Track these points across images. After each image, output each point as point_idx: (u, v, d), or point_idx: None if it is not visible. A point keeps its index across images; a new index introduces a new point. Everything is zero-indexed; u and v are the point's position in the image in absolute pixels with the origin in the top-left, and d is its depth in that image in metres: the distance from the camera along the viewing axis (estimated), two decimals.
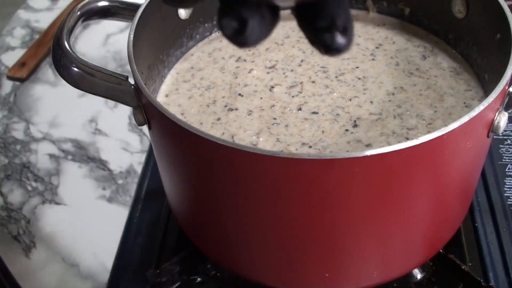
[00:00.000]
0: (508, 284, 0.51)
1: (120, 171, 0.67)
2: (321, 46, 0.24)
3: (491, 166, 0.61)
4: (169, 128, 0.39)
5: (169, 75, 0.54)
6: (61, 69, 0.42)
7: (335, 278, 0.44)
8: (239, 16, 0.23)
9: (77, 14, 0.45)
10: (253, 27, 0.23)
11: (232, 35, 0.23)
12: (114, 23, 0.86)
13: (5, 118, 0.76)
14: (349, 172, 0.35)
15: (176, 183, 0.47)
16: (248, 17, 0.23)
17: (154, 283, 0.52)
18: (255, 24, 0.23)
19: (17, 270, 0.57)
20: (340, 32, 0.23)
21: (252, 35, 0.23)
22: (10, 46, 0.88)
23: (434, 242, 0.47)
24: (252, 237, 0.43)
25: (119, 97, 0.43)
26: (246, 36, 0.23)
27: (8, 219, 0.63)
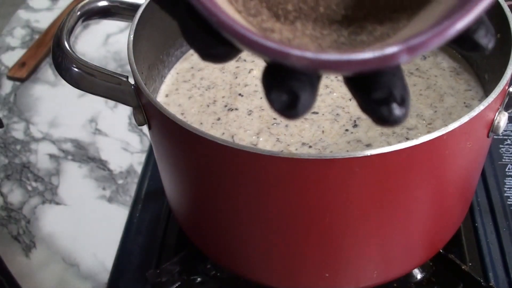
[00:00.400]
0: (508, 284, 0.51)
1: (120, 171, 0.67)
2: (376, 118, 0.22)
3: (491, 166, 0.61)
4: (169, 128, 0.39)
5: (169, 75, 0.54)
6: (61, 69, 0.42)
7: (335, 278, 0.44)
8: (290, 90, 0.21)
9: (77, 14, 0.45)
10: (304, 100, 0.21)
11: (283, 109, 0.21)
12: (114, 23, 0.85)
13: (5, 118, 0.76)
14: (349, 172, 0.35)
15: (176, 183, 0.47)
16: (299, 90, 0.21)
17: (154, 283, 0.52)
18: (306, 96, 0.21)
19: (17, 270, 0.57)
20: (398, 103, 0.21)
21: (303, 108, 0.21)
22: (10, 46, 0.88)
23: (434, 242, 0.47)
24: (252, 237, 0.43)
25: (119, 97, 0.43)
26: (298, 110, 0.21)
27: (8, 219, 0.63)
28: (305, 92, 0.21)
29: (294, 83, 0.21)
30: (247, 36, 0.20)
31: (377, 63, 0.20)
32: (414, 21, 0.23)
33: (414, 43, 0.20)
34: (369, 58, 0.19)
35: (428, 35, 0.20)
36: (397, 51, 0.20)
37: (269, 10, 0.24)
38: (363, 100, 0.22)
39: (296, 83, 0.21)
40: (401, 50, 0.20)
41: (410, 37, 0.20)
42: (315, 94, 0.22)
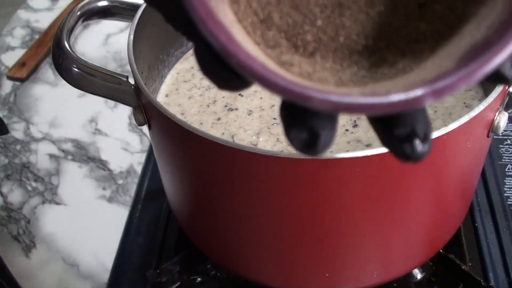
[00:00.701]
0: (508, 284, 0.51)
1: (120, 171, 0.67)
2: (398, 154, 0.21)
3: (491, 166, 0.61)
4: (169, 128, 0.39)
5: (169, 75, 0.54)
6: (61, 69, 0.42)
7: (335, 278, 0.44)
8: (310, 128, 0.20)
9: (77, 14, 0.45)
10: (325, 137, 0.21)
11: (303, 147, 0.21)
12: (114, 23, 0.86)
13: (5, 118, 0.76)
14: (349, 172, 0.35)
15: (176, 183, 0.47)
16: (319, 128, 0.20)
17: (154, 283, 0.52)
18: (326, 133, 0.21)
19: (17, 270, 0.57)
20: (421, 140, 0.21)
21: (324, 145, 0.21)
22: (10, 46, 0.88)
23: (434, 242, 0.47)
24: (252, 237, 0.43)
25: (119, 97, 0.43)
26: (318, 148, 0.21)
27: (8, 219, 0.63)
28: (325, 130, 0.21)
29: (314, 121, 0.20)
30: (268, 77, 0.19)
31: (401, 106, 0.19)
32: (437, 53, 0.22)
33: (440, 86, 0.19)
34: (393, 102, 0.19)
35: (454, 78, 0.19)
36: (422, 95, 0.19)
37: (288, 41, 0.23)
38: (385, 135, 0.22)
39: (317, 121, 0.20)
40: (426, 94, 0.19)
41: (436, 79, 0.19)
42: (335, 130, 0.21)
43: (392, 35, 0.24)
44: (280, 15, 0.24)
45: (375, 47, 0.24)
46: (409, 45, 0.23)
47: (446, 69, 0.20)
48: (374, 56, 0.24)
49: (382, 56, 0.24)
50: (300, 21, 0.24)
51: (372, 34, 0.24)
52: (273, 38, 0.23)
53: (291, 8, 0.24)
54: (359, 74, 0.23)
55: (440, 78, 0.19)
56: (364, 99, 0.19)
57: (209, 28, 0.19)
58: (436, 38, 0.23)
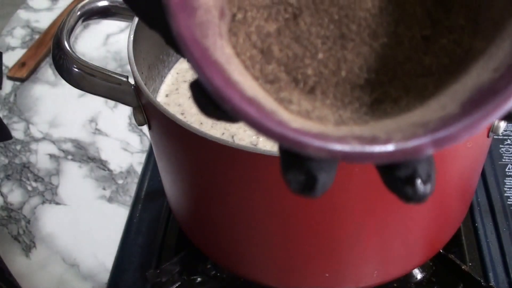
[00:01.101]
0: (508, 284, 0.51)
1: (120, 171, 0.67)
2: (400, 196, 0.21)
3: (491, 166, 0.61)
4: (169, 128, 0.39)
5: (169, 75, 0.54)
6: (61, 70, 0.42)
7: (335, 278, 0.44)
8: (308, 171, 0.20)
9: (77, 14, 0.45)
10: (323, 180, 0.20)
11: (300, 190, 0.20)
12: (114, 23, 0.86)
13: (5, 118, 0.76)
14: (349, 172, 0.35)
15: (176, 183, 0.47)
16: (317, 172, 0.20)
17: (154, 283, 0.52)
18: (324, 177, 0.20)
19: (17, 270, 0.57)
20: (423, 182, 0.20)
21: (322, 189, 0.20)
22: (10, 46, 0.88)
23: (434, 242, 0.47)
24: (252, 237, 0.43)
25: (119, 97, 0.43)
26: (316, 191, 0.20)
27: (8, 219, 0.63)
28: (324, 173, 0.20)
29: (312, 164, 0.20)
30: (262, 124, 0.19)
31: (400, 157, 0.19)
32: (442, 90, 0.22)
33: (442, 136, 0.18)
34: (391, 152, 0.18)
35: (457, 128, 0.18)
36: (422, 145, 0.18)
37: (288, 75, 0.23)
38: (386, 177, 0.21)
39: (315, 163, 0.20)
40: (427, 144, 0.18)
41: (438, 127, 0.19)
42: (334, 172, 0.21)
43: (396, 68, 0.23)
44: (280, 47, 0.23)
45: (378, 81, 0.23)
46: (413, 80, 0.23)
47: (450, 113, 0.19)
48: (376, 91, 0.23)
49: (385, 91, 0.23)
50: (300, 54, 0.23)
51: (375, 68, 0.23)
52: (272, 72, 0.23)
53: (291, 40, 0.23)
54: (361, 111, 0.22)
55: (443, 125, 0.19)
56: (361, 147, 0.19)
57: (203, 72, 0.19)
58: (441, 73, 0.22)
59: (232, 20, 0.23)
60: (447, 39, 0.23)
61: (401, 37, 0.23)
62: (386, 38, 0.23)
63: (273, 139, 0.19)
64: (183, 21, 0.19)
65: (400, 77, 0.23)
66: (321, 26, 0.23)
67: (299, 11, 0.23)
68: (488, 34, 0.22)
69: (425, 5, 0.23)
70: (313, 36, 0.23)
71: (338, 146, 0.19)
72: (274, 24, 0.23)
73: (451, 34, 0.23)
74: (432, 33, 0.23)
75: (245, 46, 0.23)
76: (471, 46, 0.22)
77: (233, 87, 0.19)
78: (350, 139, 0.19)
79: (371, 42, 0.23)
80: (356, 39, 0.23)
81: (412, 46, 0.23)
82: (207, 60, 0.19)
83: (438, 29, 0.23)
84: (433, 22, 0.23)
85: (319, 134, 0.19)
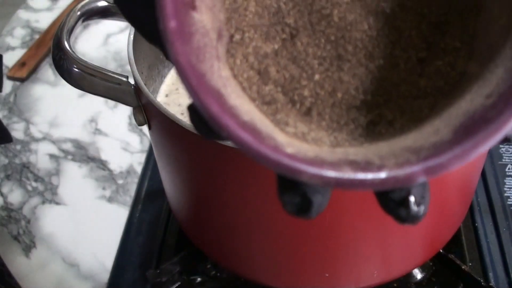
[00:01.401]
0: (508, 284, 0.51)
1: (120, 171, 0.67)
2: (394, 217, 0.21)
3: (491, 166, 0.61)
4: (169, 128, 0.39)
5: (169, 75, 0.54)
6: (61, 70, 0.42)
7: (335, 278, 0.44)
8: (303, 194, 0.20)
9: (77, 14, 0.45)
10: (318, 203, 0.20)
11: (295, 212, 0.21)
12: (114, 23, 0.86)
13: (5, 118, 0.76)
14: None
15: (176, 183, 0.47)
16: (312, 194, 0.20)
17: (154, 283, 0.52)
18: (319, 199, 0.20)
19: (17, 270, 0.57)
20: (417, 204, 0.20)
21: (317, 210, 0.21)
22: (10, 46, 0.88)
23: (434, 242, 0.47)
24: (252, 237, 0.43)
25: (119, 97, 0.43)
26: (311, 213, 0.21)
27: (8, 219, 0.63)
28: (319, 195, 0.20)
29: (308, 187, 0.20)
30: (258, 150, 0.19)
31: (393, 184, 0.19)
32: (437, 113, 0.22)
33: (433, 164, 0.19)
34: (384, 179, 0.19)
35: (448, 157, 0.19)
36: (414, 173, 0.19)
37: (284, 96, 0.23)
38: (381, 198, 0.21)
39: (310, 187, 0.20)
40: (419, 172, 0.19)
41: (430, 155, 0.19)
42: (329, 194, 0.21)
43: (392, 90, 0.23)
44: (277, 68, 0.23)
45: (373, 103, 0.23)
46: (408, 102, 0.23)
47: (442, 139, 0.19)
48: (372, 112, 0.23)
49: (380, 113, 0.23)
50: (297, 75, 0.23)
51: (371, 89, 0.23)
52: (269, 93, 0.23)
53: (288, 61, 0.23)
54: (356, 132, 0.23)
55: (434, 153, 0.19)
56: (354, 175, 0.19)
57: (200, 99, 0.19)
58: (436, 96, 0.22)
59: (230, 41, 0.23)
60: (442, 61, 0.23)
61: (396, 59, 0.23)
62: (382, 60, 0.23)
63: (268, 165, 0.19)
64: (180, 48, 0.19)
65: (395, 99, 0.23)
66: (318, 46, 0.23)
67: (296, 32, 0.23)
68: (483, 58, 0.22)
69: (420, 28, 0.23)
70: (310, 56, 0.23)
71: (331, 173, 0.19)
72: (271, 45, 0.23)
73: (446, 56, 0.23)
74: (427, 56, 0.23)
75: (242, 67, 0.23)
76: (466, 69, 0.22)
77: (229, 113, 0.19)
78: (344, 165, 0.19)
79: (367, 63, 0.23)
80: (352, 60, 0.23)
81: (407, 68, 0.23)
82: (203, 87, 0.19)
83: (434, 51, 0.23)
84: (429, 44, 0.23)
85: (313, 160, 0.19)
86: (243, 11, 0.23)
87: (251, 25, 0.23)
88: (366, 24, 0.23)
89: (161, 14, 0.19)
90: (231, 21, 0.23)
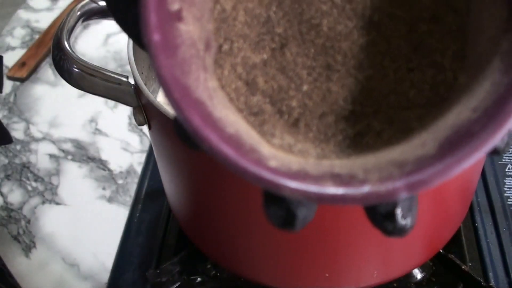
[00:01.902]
0: (508, 284, 0.51)
1: (120, 171, 0.67)
2: (381, 230, 0.21)
3: (491, 166, 0.61)
4: (169, 128, 0.39)
5: None
6: (61, 70, 0.42)
7: (335, 278, 0.44)
8: (287, 208, 0.20)
9: (77, 14, 0.45)
10: (302, 216, 0.21)
11: (280, 225, 0.21)
12: (114, 23, 0.85)
13: (5, 118, 0.76)
14: None
15: (176, 183, 0.47)
16: (297, 208, 0.20)
17: (154, 283, 0.52)
18: (304, 212, 0.20)
19: (17, 270, 0.57)
20: (403, 217, 0.20)
21: (301, 224, 0.21)
22: (10, 46, 0.88)
23: (434, 242, 0.47)
24: (252, 237, 0.43)
25: (119, 97, 0.43)
26: (295, 226, 0.21)
27: (8, 219, 0.63)
28: (303, 208, 0.20)
29: (292, 201, 0.20)
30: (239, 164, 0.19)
31: (375, 199, 0.19)
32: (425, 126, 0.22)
33: (415, 180, 0.19)
34: (366, 194, 0.19)
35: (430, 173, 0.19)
36: (396, 189, 0.19)
37: (272, 106, 0.23)
38: (368, 211, 0.21)
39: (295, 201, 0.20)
40: (401, 188, 0.19)
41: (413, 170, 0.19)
42: (315, 207, 0.21)
43: (381, 101, 0.23)
44: (265, 79, 0.23)
45: (362, 113, 0.23)
46: (397, 113, 0.23)
47: (427, 153, 0.19)
48: (360, 123, 0.23)
49: (368, 124, 0.23)
50: (285, 86, 0.23)
51: (360, 100, 0.23)
52: (257, 104, 0.23)
53: (277, 71, 0.23)
54: (343, 144, 0.22)
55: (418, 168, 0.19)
56: (336, 190, 0.19)
57: (182, 112, 0.19)
58: (425, 107, 0.22)
59: (219, 51, 0.22)
60: (431, 72, 0.23)
61: (386, 69, 0.23)
62: (371, 70, 0.23)
63: (250, 180, 0.19)
64: (164, 61, 0.19)
65: (384, 110, 0.23)
66: (307, 56, 0.23)
67: (286, 41, 0.23)
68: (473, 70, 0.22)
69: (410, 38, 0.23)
70: (298, 67, 0.23)
71: (313, 188, 0.19)
72: (260, 55, 0.23)
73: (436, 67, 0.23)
74: (417, 66, 0.23)
75: (230, 78, 0.23)
76: (455, 81, 0.22)
77: (212, 126, 0.19)
78: (327, 179, 0.19)
79: (356, 73, 0.23)
80: (341, 70, 0.23)
81: (397, 78, 0.23)
82: (186, 100, 0.19)
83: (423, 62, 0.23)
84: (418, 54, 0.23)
85: (296, 174, 0.19)
86: (232, 21, 0.23)
87: (240, 35, 0.23)
88: (355, 34, 0.23)
89: (145, 26, 0.19)
90: (220, 31, 0.23)
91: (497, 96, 0.19)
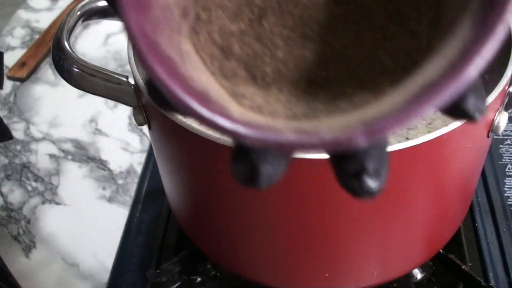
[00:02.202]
0: (508, 284, 0.51)
1: (120, 171, 0.67)
2: (347, 190, 0.20)
3: (491, 166, 0.61)
4: (169, 128, 0.39)
5: None
6: (61, 70, 0.42)
7: (335, 278, 0.44)
8: (251, 163, 0.20)
9: (77, 14, 0.45)
10: (267, 173, 0.20)
11: (243, 181, 0.21)
12: (114, 23, 0.86)
13: (5, 118, 0.76)
14: None
15: (176, 183, 0.47)
16: (261, 164, 0.20)
17: (154, 283, 0.52)
18: (269, 169, 0.20)
19: (17, 270, 0.57)
20: (371, 177, 0.20)
21: (266, 181, 0.20)
22: (10, 46, 0.88)
23: (434, 242, 0.47)
24: (252, 237, 0.43)
25: (119, 97, 0.43)
26: (259, 183, 0.20)
27: (8, 219, 0.63)
28: (268, 165, 0.20)
29: (257, 156, 0.20)
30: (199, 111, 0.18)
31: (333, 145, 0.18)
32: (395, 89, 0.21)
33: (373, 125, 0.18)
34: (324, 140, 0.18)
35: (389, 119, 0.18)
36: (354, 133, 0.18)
37: (246, 72, 0.23)
38: (336, 170, 0.21)
39: (260, 155, 0.20)
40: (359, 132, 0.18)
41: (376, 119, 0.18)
42: (282, 167, 0.21)
43: (355, 68, 0.23)
44: (241, 46, 0.23)
45: (336, 79, 0.23)
46: (370, 79, 0.23)
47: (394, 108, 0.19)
48: (333, 88, 0.23)
49: (341, 89, 0.23)
50: (260, 53, 0.23)
51: (335, 67, 0.23)
52: (231, 69, 0.23)
53: (253, 39, 0.23)
54: (314, 106, 0.22)
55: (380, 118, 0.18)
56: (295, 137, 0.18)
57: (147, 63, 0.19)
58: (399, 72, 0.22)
59: (196, 19, 0.23)
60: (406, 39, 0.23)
61: (362, 37, 0.23)
62: (347, 39, 0.23)
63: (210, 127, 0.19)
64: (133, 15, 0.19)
65: (358, 76, 0.23)
66: (284, 26, 0.23)
67: (264, 12, 0.23)
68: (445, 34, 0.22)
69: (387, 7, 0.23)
70: (275, 36, 0.23)
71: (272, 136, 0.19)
72: (238, 24, 0.23)
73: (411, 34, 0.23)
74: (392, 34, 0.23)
75: (205, 43, 0.23)
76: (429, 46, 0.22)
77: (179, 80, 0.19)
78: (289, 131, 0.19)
79: (332, 42, 0.23)
80: (317, 39, 0.23)
81: (372, 46, 0.23)
82: (154, 53, 0.19)
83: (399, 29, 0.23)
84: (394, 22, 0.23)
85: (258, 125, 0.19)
86: None
87: (219, 6, 0.23)
88: (333, 5, 0.23)
89: None
90: (199, 1, 0.23)
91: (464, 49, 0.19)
